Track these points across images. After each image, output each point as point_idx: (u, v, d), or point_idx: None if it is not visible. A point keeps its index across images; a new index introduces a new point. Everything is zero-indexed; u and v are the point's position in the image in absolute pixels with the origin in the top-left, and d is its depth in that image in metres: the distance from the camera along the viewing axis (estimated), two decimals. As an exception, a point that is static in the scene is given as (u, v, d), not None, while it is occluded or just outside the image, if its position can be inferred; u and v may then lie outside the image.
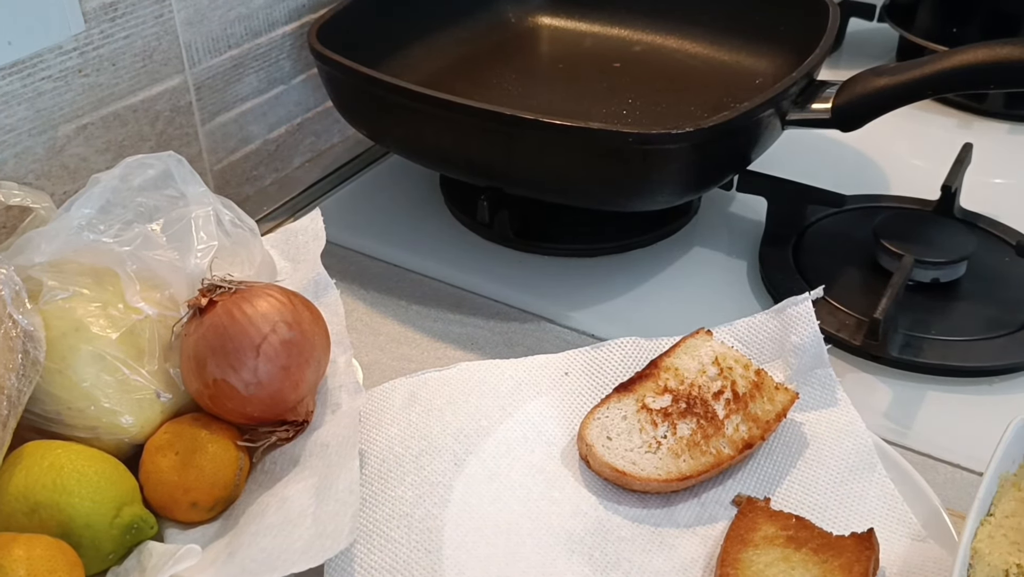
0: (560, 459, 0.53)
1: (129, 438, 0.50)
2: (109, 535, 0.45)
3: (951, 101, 0.89)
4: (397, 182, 0.79)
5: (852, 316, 0.61)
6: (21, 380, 0.46)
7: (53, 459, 0.46)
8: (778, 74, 0.74)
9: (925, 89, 0.62)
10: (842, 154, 0.82)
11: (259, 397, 0.49)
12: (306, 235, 0.62)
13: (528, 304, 0.66)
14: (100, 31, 0.62)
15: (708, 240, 0.72)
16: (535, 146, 0.61)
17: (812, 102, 0.65)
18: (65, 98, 0.61)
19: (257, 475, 0.51)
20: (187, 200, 0.55)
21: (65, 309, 0.49)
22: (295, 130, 0.81)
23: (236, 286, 0.51)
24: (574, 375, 0.57)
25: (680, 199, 0.69)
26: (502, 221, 0.69)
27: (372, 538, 0.47)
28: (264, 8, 0.74)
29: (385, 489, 0.50)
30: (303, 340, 0.50)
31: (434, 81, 0.76)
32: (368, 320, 0.65)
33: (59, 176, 0.62)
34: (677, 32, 0.84)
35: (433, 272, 0.69)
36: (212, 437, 0.49)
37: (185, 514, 0.49)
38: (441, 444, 0.52)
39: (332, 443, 0.50)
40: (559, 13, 0.89)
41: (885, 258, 0.64)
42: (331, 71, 0.69)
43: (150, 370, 0.50)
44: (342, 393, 0.53)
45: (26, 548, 0.42)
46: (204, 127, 0.72)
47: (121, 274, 0.51)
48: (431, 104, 0.63)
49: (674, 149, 0.60)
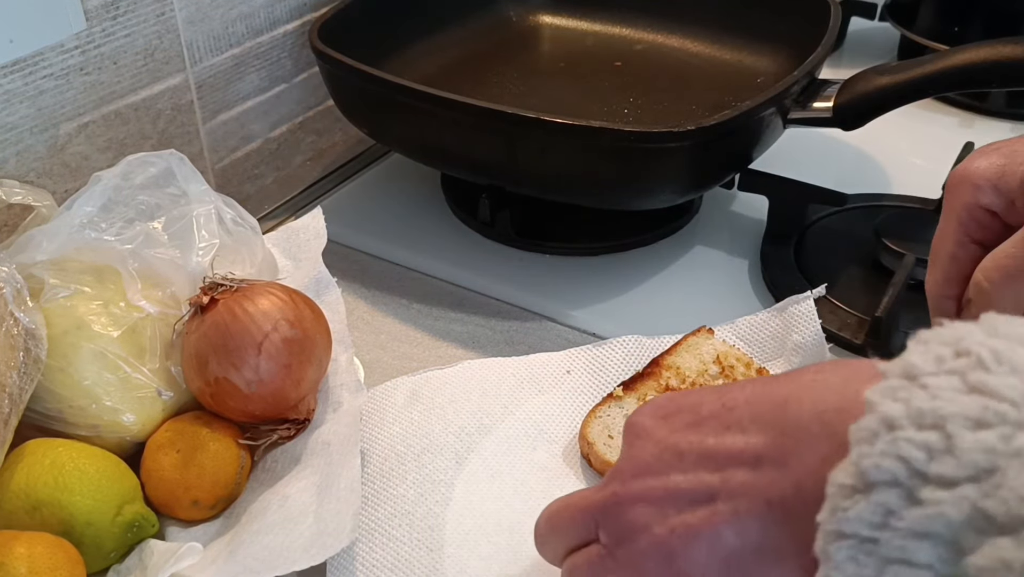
0: (562, 457, 0.53)
1: (130, 436, 0.50)
2: (110, 533, 0.46)
3: (953, 100, 0.89)
4: (398, 181, 0.79)
5: (854, 315, 0.61)
6: (23, 378, 0.46)
7: (55, 457, 0.46)
8: (779, 73, 0.74)
9: (926, 88, 0.62)
10: (843, 153, 0.82)
11: (260, 395, 0.49)
12: (307, 233, 0.62)
13: (530, 303, 0.66)
14: (101, 29, 0.62)
15: (709, 239, 0.71)
16: (537, 145, 0.61)
17: (813, 101, 0.65)
18: (66, 96, 0.61)
19: (258, 473, 0.51)
20: (188, 198, 0.55)
21: (67, 307, 0.49)
22: (296, 128, 0.81)
23: (237, 284, 0.51)
24: (576, 373, 0.57)
25: (681, 198, 0.69)
26: (503, 220, 0.69)
27: (374, 536, 0.47)
28: (265, 7, 0.74)
29: (387, 487, 0.50)
30: (305, 338, 0.50)
31: (435, 80, 0.76)
32: (369, 318, 0.65)
33: (60, 174, 0.62)
34: (679, 31, 0.84)
35: (434, 271, 0.69)
36: (213, 435, 0.50)
37: (186, 512, 0.49)
38: (443, 442, 0.52)
39: (333, 441, 0.50)
40: (560, 12, 0.89)
41: (887, 257, 0.64)
42: (332, 70, 0.69)
43: (151, 368, 0.50)
44: (343, 391, 0.53)
45: (28, 546, 0.42)
46: (205, 125, 0.72)
47: (123, 272, 0.51)
48: (432, 103, 0.63)
49: (676, 148, 0.60)
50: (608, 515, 0.36)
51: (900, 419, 0.27)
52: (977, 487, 0.25)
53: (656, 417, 0.37)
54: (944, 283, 0.48)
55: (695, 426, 0.35)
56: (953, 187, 0.48)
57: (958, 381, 0.27)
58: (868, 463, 0.27)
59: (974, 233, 0.47)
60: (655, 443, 0.36)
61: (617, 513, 0.36)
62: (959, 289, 0.48)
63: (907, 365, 0.28)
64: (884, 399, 0.27)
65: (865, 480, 0.27)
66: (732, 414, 0.34)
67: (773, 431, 0.32)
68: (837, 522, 0.27)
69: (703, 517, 0.33)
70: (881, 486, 0.26)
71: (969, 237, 0.47)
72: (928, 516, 0.25)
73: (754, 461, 0.32)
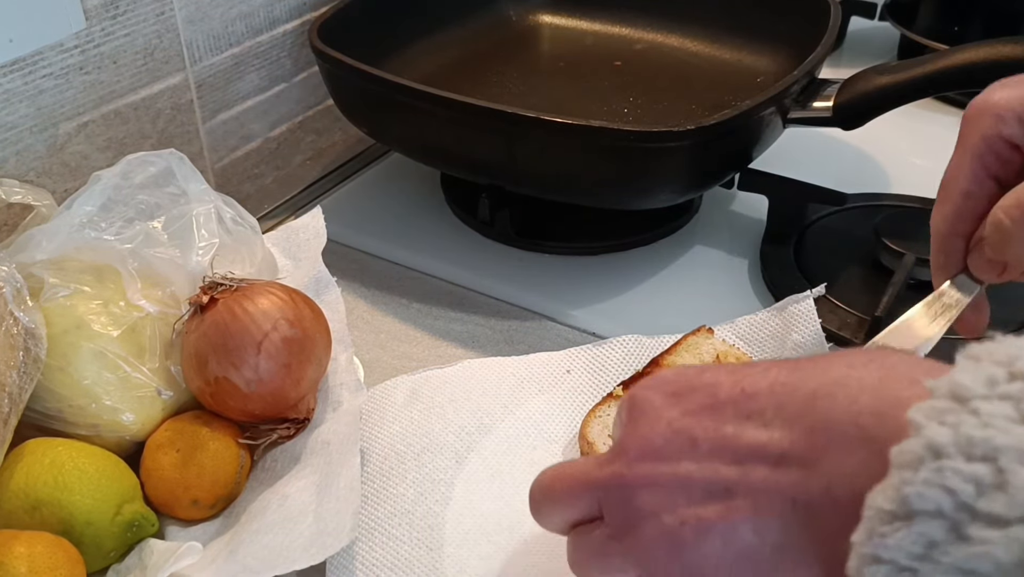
0: (562, 457, 0.53)
1: (130, 435, 0.50)
2: (110, 532, 0.46)
3: (953, 99, 0.89)
4: (398, 180, 0.79)
5: (853, 314, 0.61)
6: (22, 377, 0.46)
7: (54, 456, 0.46)
8: (779, 72, 0.74)
9: (927, 87, 0.62)
10: (843, 152, 0.82)
11: (260, 395, 0.49)
12: (307, 233, 0.62)
13: (529, 302, 0.66)
14: (101, 29, 0.62)
15: (709, 238, 0.71)
16: (536, 144, 0.61)
17: (813, 100, 0.65)
18: (66, 96, 0.61)
19: (258, 473, 0.51)
20: (188, 198, 0.55)
21: (66, 307, 0.49)
22: (296, 128, 0.81)
23: (237, 284, 0.51)
24: (575, 373, 0.57)
25: (681, 197, 0.69)
26: (503, 219, 0.69)
27: (373, 535, 0.47)
28: (265, 6, 0.74)
29: (386, 486, 0.50)
30: (304, 338, 0.50)
31: (435, 79, 0.76)
32: (369, 318, 0.65)
33: (60, 174, 0.62)
34: (678, 31, 0.84)
35: (434, 270, 0.69)
36: (213, 435, 0.50)
37: (186, 512, 0.49)
38: (442, 441, 0.52)
39: (333, 441, 0.50)
40: (560, 11, 0.89)
41: (886, 256, 0.64)
42: (332, 69, 0.69)
43: (151, 368, 0.50)
44: (343, 391, 0.53)
45: (27, 545, 0.42)
46: (205, 125, 0.72)
47: (122, 271, 0.51)
48: (432, 102, 0.63)
49: (675, 147, 0.60)
50: (612, 496, 0.35)
51: (948, 447, 0.25)
52: None
53: (666, 394, 0.35)
54: (955, 220, 0.45)
55: (711, 411, 0.33)
56: (972, 118, 0.45)
57: (1012, 409, 0.25)
58: (911, 490, 0.25)
59: (992, 167, 0.44)
60: (666, 424, 0.34)
61: (622, 496, 0.34)
62: (971, 227, 0.45)
63: (956, 385, 0.26)
64: (930, 422, 0.26)
65: (907, 508, 0.25)
66: (753, 402, 0.32)
67: (800, 427, 0.31)
68: (874, 547, 0.26)
69: (718, 511, 0.32)
70: (924, 516, 0.25)
71: (987, 172, 0.44)
72: (975, 555, 0.24)
73: (778, 457, 0.31)
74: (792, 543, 0.30)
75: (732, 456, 0.32)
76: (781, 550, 0.31)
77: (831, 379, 0.31)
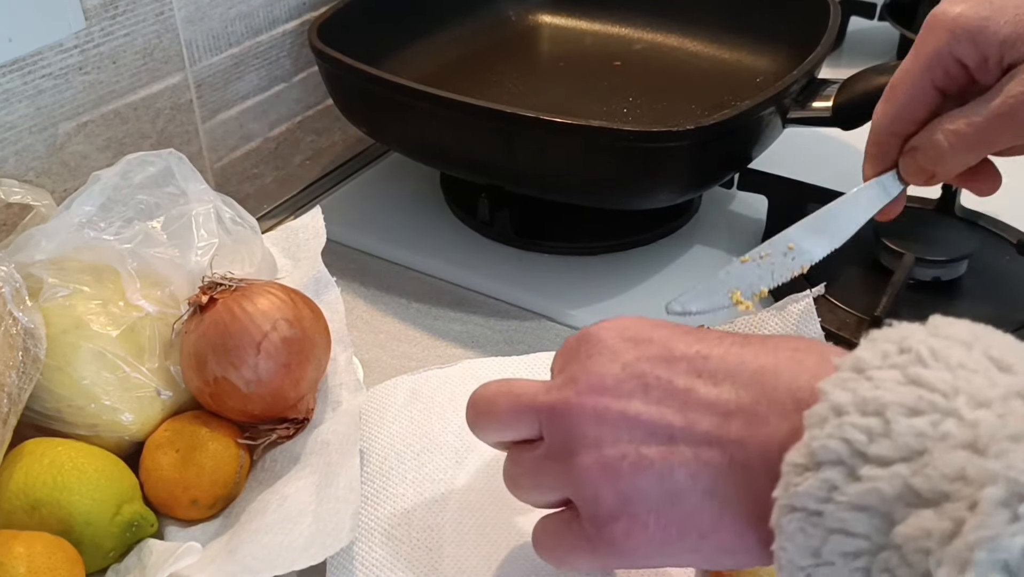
0: (561, 457, 0.53)
1: (129, 436, 0.50)
2: (109, 532, 0.45)
3: (952, 100, 0.89)
4: (397, 180, 0.79)
5: (853, 314, 0.61)
6: (22, 377, 0.46)
7: (53, 456, 0.46)
8: (779, 72, 0.74)
9: (926, 87, 0.62)
10: (843, 152, 0.81)
11: (260, 395, 0.49)
12: (306, 233, 0.62)
13: (529, 302, 0.66)
14: (100, 28, 0.62)
15: (709, 238, 0.71)
16: (536, 144, 0.61)
17: (813, 100, 0.65)
18: (65, 95, 0.61)
19: (257, 473, 0.51)
20: (188, 197, 0.55)
21: (65, 307, 0.49)
22: (296, 128, 0.81)
23: (237, 284, 0.51)
24: (575, 373, 0.57)
25: (681, 197, 0.69)
26: (502, 219, 0.69)
27: (373, 535, 0.47)
28: (265, 6, 0.74)
29: (386, 486, 0.50)
30: (304, 338, 0.50)
31: (434, 79, 0.76)
32: (368, 318, 0.65)
33: (59, 173, 0.62)
34: (678, 31, 0.84)
35: (433, 270, 0.69)
36: (212, 435, 0.49)
37: (185, 512, 0.49)
38: (442, 441, 0.52)
39: (333, 441, 0.50)
40: (560, 11, 0.89)
41: (886, 256, 0.64)
42: (331, 69, 0.69)
43: (150, 368, 0.50)
44: (343, 391, 0.53)
45: (26, 545, 0.42)
46: (204, 125, 0.72)
47: (121, 271, 0.51)
48: (431, 102, 0.63)
49: (675, 147, 0.60)
50: (556, 421, 0.37)
51: (847, 406, 0.29)
52: (908, 466, 0.27)
53: (624, 338, 0.38)
54: (895, 120, 0.48)
55: (665, 362, 0.36)
56: (929, 28, 0.46)
57: (899, 374, 0.29)
58: (817, 444, 0.29)
59: (939, 80, 0.46)
60: (621, 366, 0.37)
61: (567, 422, 0.36)
62: (909, 129, 0.48)
63: (857, 359, 0.31)
64: (835, 388, 0.30)
65: (814, 459, 0.29)
66: (707, 363, 0.35)
67: (747, 394, 0.34)
68: (789, 497, 0.30)
69: (659, 452, 0.34)
70: (827, 464, 0.29)
71: (932, 84, 0.46)
72: (866, 491, 0.28)
73: (724, 415, 0.34)
74: (721, 492, 0.34)
75: (680, 406, 0.35)
76: (711, 496, 0.34)
77: (779, 359, 0.34)
